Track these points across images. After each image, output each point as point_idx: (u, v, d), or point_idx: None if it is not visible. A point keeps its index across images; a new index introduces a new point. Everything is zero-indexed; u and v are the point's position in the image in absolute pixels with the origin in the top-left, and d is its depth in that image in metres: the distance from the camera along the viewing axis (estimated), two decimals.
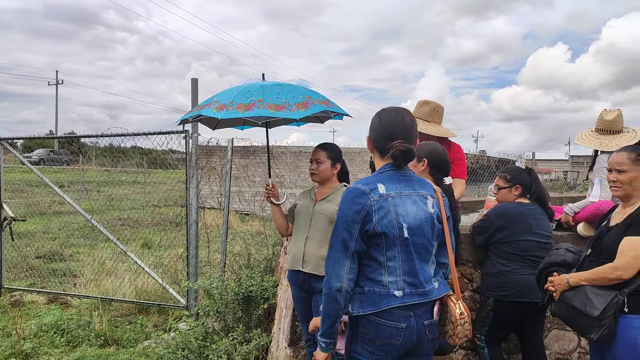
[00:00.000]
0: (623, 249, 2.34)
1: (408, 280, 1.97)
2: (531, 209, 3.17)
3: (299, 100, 2.86)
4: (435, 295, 2.05)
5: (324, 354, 2.02)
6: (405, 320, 1.95)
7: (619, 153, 2.54)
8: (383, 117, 2.11)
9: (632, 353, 2.32)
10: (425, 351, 2.06)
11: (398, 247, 1.97)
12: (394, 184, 2.02)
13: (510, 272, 3.06)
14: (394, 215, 1.96)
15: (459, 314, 2.05)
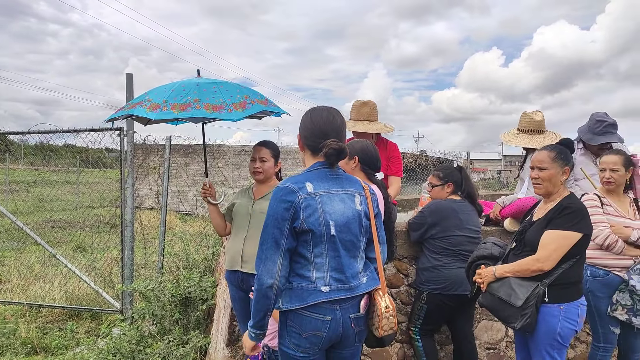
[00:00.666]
0: (544, 242, 2.50)
1: (335, 276, 2.03)
2: (462, 205, 3.30)
3: (236, 100, 2.81)
4: (363, 290, 2.10)
5: (252, 342, 2.07)
6: (330, 313, 2.01)
7: (540, 152, 2.70)
8: (315, 116, 2.15)
9: (551, 339, 2.48)
10: (352, 343, 2.12)
11: (325, 244, 2.02)
12: (322, 182, 2.07)
13: (442, 267, 3.18)
14: (321, 213, 2.00)
15: (384, 308, 2.11)
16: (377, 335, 2.15)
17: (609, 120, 3.68)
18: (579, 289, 2.54)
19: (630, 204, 3.21)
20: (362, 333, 2.15)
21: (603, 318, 3.10)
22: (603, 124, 3.68)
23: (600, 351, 3.17)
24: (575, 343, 3.62)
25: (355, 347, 2.18)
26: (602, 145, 3.71)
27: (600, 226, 3.04)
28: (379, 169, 2.87)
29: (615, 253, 3.03)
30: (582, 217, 2.48)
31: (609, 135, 3.65)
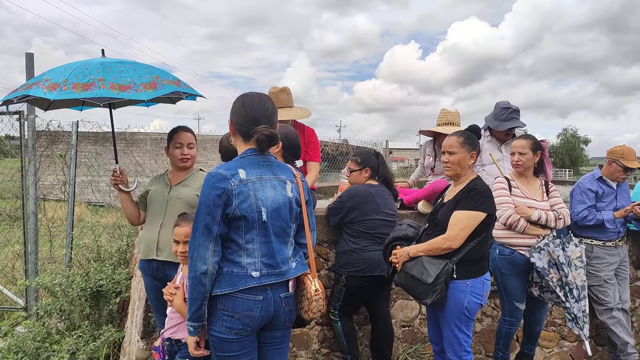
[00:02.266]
0: (452, 222, 2.64)
1: (265, 261, 2.05)
2: (379, 190, 3.40)
3: (146, 80, 2.65)
4: (292, 274, 2.14)
5: (193, 338, 2.02)
6: (262, 293, 2.03)
7: (450, 137, 2.84)
8: (246, 102, 2.14)
9: (459, 313, 2.63)
10: (283, 323, 2.15)
11: (256, 230, 2.03)
12: (255, 169, 2.07)
13: (360, 250, 3.27)
14: (254, 199, 2.02)
15: (314, 291, 2.16)
16: (306, 317, 2.20)
17: (512, 107, 3.97)
18: (484, 265, 2.71)
19: (540, 186, 3.43)
20: (292, 313, 2.18)
21: (509, 294, 3.34)
22: (508, 110, 3.96)
23: (506, 324, 3.42)
24: (482, 317, 3.87)
25: (286, 329, 2.20)
26: (507, 131, 3.98)
27: (504, 206, 3.27)
28: (299, 156, 2.88)
29: (518, 232, 3.25)
30: (487, 198, 2.65)
31: (513, 120, 3.93)
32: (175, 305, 2.25)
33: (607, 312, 3.78)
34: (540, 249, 3.19)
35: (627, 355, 3.71)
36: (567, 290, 3.19)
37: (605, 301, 3.78)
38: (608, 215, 3.77)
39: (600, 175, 3.95)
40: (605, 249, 3.81)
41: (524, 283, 3.34)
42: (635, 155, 3.91)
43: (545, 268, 3.17)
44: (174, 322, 2.29)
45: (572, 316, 3.21)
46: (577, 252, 3.22)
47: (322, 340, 3.55)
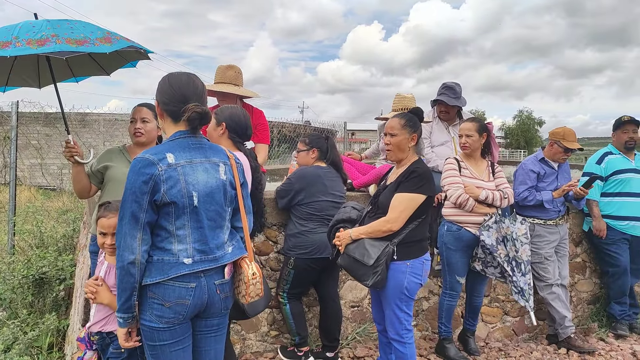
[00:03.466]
0: (393, 204, 2.67)
1: (198, 247, 1.99)
2: (327, 172, 3.41)
3: (99, 35, 2.53)
4: (228, 259, 2.08)
5: (124, 330, 1.95)
6: (195, 281, 1.97)
7: (391, 119, 2.86)
8: (173, 81, 2.05)
9: (400, 293, 2.69)
10: (219, 310, 2.09)
11: (188, 216, 1.96)
12: (184, 152, 2.00)
13: (308, 232, 3.28)
14: (184, 184, 1.94)
15: (251, 275, 2.11)
16: (243, 302, 2.15)
17: (447, 84, 4.12)
18: (424, 246, 2.77)
19: (487, 167, 3.57)
20: (228, 300, 2.13)
21: (451, 268, 3.47)
22: (442, 86, 4.14)
23: (447, 297, 3.55)
24: (429, 295, 3.98)
25: (222, 317, 2.15)
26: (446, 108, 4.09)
27: (454, 186, 3.38)
28: (248, 137, 2.81)
29: (467, 211, 3.38)
30: (427, 180, 2.69)
31: (443, 95, 4.08)
32: (102, 300, 2.17)
33: (547, 288, 3.95)
34: (489, 226, 3.33)
35: (565, 328, 3.89)
36: (514, 264, 3.35)
37: (546, 277, 3.95)
38: (547, 195, 3.91)
39: (543, 157, 4.08)
40: (546, 227, 3.96)
41: (468, 258, 3.49)
42: (576, 136, 4.06)
43: (493, 245, 3.31)
44: (103, 314, 2.20)
45: (519, 289, 3.36)
46: (522, 229, 3.39)
47: (272, 323, 3.57)
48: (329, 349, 3.42)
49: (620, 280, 4.24)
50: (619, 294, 4.26)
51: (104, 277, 2.23)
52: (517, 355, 3.73)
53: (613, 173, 4.27)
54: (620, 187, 4.24)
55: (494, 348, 3.88)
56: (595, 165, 4.36)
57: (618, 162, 4.31)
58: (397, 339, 2.72)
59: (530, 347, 3.94)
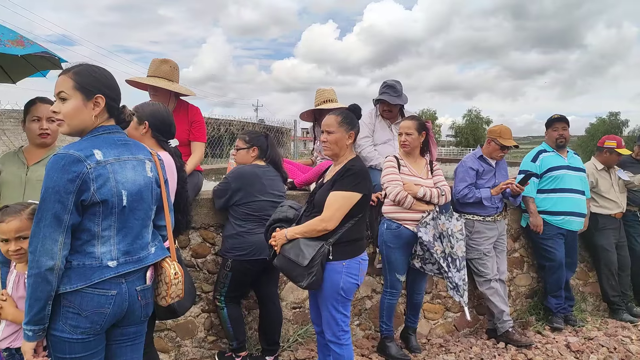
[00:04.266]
0: (328, 203, 2.61)
1: (123, 248, 1.87)
2: (266, 170, 3.31)
3: (10, 37, 2.39)
4: (151, 260, 1.98)
5: (31, 344, 1.76)
6: (116, 287, 1.84)
7: (328, 116, 2.80)
8: (113, 77, 1.97)
9: (336, 294, 2.63)
10: (138, 318, 1.98)
11: (116, 216, 1.85)
12: (112, 149, 1.88)
13: (246, 233, 3.17)
14: (114, 182, 1.83)
15: (173, 274, 2.02)
16: (162, 304, 2.05)
17: (388, 82, 4.10)
18: (361, 245, 2.73)
19: (425, 165, 3.58)
20: (148, 306, 2.02)
21: (392, 266, 3.47)
22: (383, 85, 4.12)
23: (387, 295, 3.55)
24: (372, 294, 3.96)
25: (141, 325, 2.03)
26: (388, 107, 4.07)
27: (393, 184, 3.37)
28: (172, 135, 2.67)
29: (406, 208, 3.37)
30: (363, 178, 2.64)
31: (384, 94, 4.04)
32: (5, 316, 1.98)
33: (486, 283, 4.02)
34: (426, 223, 3.35)
35: (503, 322, 3.97)
36: (449, 261, 3.37)
37: (485, 273, 4.01)
38: (486, 193, 3.97)
39: (481, 154, 4.15)
40: (484, 223, 4.02)
41: (407, 256, 3.49)
42: (511, 134, 4.14)
43: (430, 241, 3.32)
44: (12, 329, 2.01)
45: (454, 285, 3.39)
46: (458, 225, 3.43)
47: (209, 328, 3.44)
48: (269, 353, 3.33)
49: (556, 274, 4.37)
50: (555, 287, 4.39)
51: (14, 287, 2.05)
52: (457, 351, 3.76)
53: (547, 170, 4.40)
54: (555, 184, 4.37)
55: (435, 344, 3.90)
56: (530, 163, 4.48)
57: (552, 159, 4.44)
58: (334, 341, 2.66)
59: (470, 342, 3.99)
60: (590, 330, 4.24)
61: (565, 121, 4.49)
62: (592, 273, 5.00)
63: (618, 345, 3.86)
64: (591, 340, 3.98)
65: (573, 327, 4.35)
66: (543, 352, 3.77)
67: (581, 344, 3.89)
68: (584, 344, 3.91)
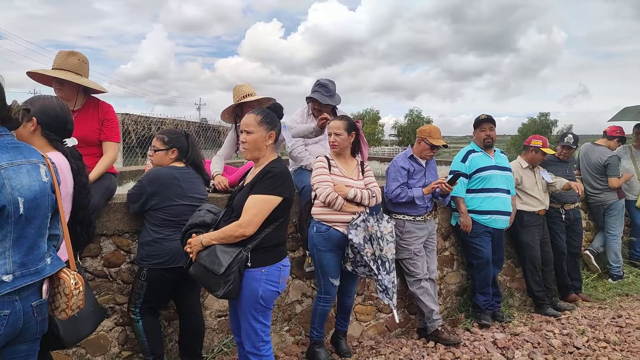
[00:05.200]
0: (247, 207, 2.47)
1: (19, 260, 1.70)
2: (185, 172, 3.12)
3: None
4: (49, 272, 1.81)
5: None
6: (9, 306, 1.66)
7: (248, 115, 2.65)
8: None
9: (255, 303, 2.49)
10: (33, 335, 1.80)
11: (11, 226, 1.67)
12: (3, 152, 1.70)
13: (163, 239, 2.97)
14: (9, 189, 1.65)
15: (73, 285, 1.86)
16: (63, 317, 1.88)
17: (321, 82, 4.00)
18: (281, 251, 2.60)
19: (356, 166, 3.51)
20: (44, 322, 1.85)
21: (324, 270, 3.36)
22: (316, 84, 4.01)
23: (321, 302, 3.44)
24: (302, 298, 3.85)
25: (34, 342, 1.84)
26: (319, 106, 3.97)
27: (324, 185, 3.26)
28: (68, 134, 2.42)
29: (336, 209, 3.28)
30: (283, 181, 2.52)
31: (316, 93, 3.94)
32: None
33: (417, 283, 4.01)
34: (357, 225, 3.27)
35: (433, 321, 3.98)
36: (379, 263, 3.30)
37: (415, 273, 4.00)
38: (418, 192, 3.97)
39: (412, 154, 4.15)
40: (415, 223, 4.02)
41: (339, 259, 3.39)
42: (441, 134, 4.17)
43: (361, 244, 3.24)
44: None
45: (383, 287, 3.33)
46: (389, 228, 3.37)
47: (124, 342, 3.20)
48: None
49: (484, 272, 4.44)
50: (483, 284, 4.47)
51: None
52: (387, 353, 3.73)
53: (476, 170, 4.47)
54: (483, 184, 4.45)
55: (366, 347, 3.85)
56: (460, 163, 4.54)
57: (480, 159, 4.51)
58: (253, 352, 2.52)
59: (401, 342, 3.97)
60: (516, 326, 4.34)
61: (491, 122, 4.57)
62: (518, 269, 5.15)
63: (542, 340, 3.97)
64: (517, 336, 4.06)
65: (500, 323, 4.44)
66: (470, 349, 3.81)
67: (507, 339, 3.97)
68: (510, 339, 3.99)
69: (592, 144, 5.93)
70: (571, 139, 5.35)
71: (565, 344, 3.90)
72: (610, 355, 3.66)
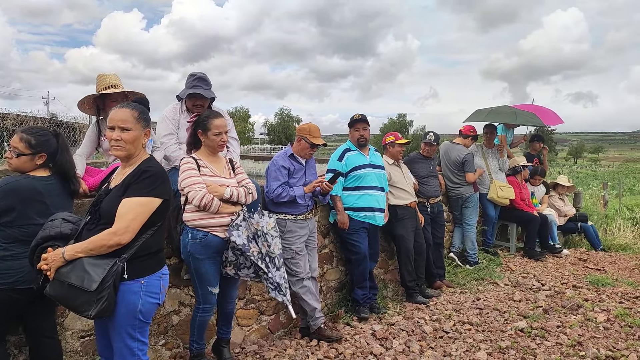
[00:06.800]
0: (121, 212, 2.19)
1: None
2: (50, 184, 2.66)
3: None
4: None
5: None
6: None
7: (120, 110, 2.36)
8: None
9: (132, 319, 2.23)
10: None
11: None
12: None
13: (12, 257, 2.53)
14: None
15: None
16: None
17: (199, 75, 3.77)
18: (161, 258, 2.37)
19: (226, 163, 3.31)
20: None
21: (202, 279, 3.13)
22: (193, 77, 3.77)
23: (200, 312, 3.21)
24: (180, 308, 3.58)
25: None
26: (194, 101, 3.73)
27: (196, 187, 3.01)
28: None
29: (213, 212, 3.05)
30: (162, 181, 2.29)
31: (197, 88, 3.71)
32: None
33: (299, 282, 3.98)
34: (238, 225, 3.08)
35: (315, 320, 3.99)
36: (267, 260, 3.18)
37: (297, 272, 3.97)
38: (299, 191, 3.95)
39: (292, 152, 4.11)
40: (296, 222, 3.99)
41: (219, 265, 3.18)
42: (320, 132, 4.19)
43: (245, 244, 3.06)
44: None
45: (275, 285, 3.21)
46: (271, 222, 3.27)
47: None
48: None
49: (361, 266, 4.58)
50: (361, 279, 4.61)
51: None
52: (272, 356, 3.64)
53: (352, 169, 4.59)
54: (359, 182, 4.59)
55: (249, 352, 3.72)
56: (337, 162, 4.62)
57: (356, 158, 4.65)
58: None
59: (285, 344, 3.92)
60: (392, 316, 4.55)
61: (365, 121, 4.73)
62: (391, 261, 5.42)
63: (415, 327, 4.20)
64: (393, 326, 4.25)
65: (377, 314, 4.62)
66: (352, 343, 3.89)
67: (385, 330, 4.13)
68: (387, 330, 4.16)
69: (450, 142, 6.49)
70: (432, 137, 5.78)
71: (436, 329, 4.18)
72: (475, 337, 4.01)
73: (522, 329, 4.14)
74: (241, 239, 3.07)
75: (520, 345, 3.84)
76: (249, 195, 3.21)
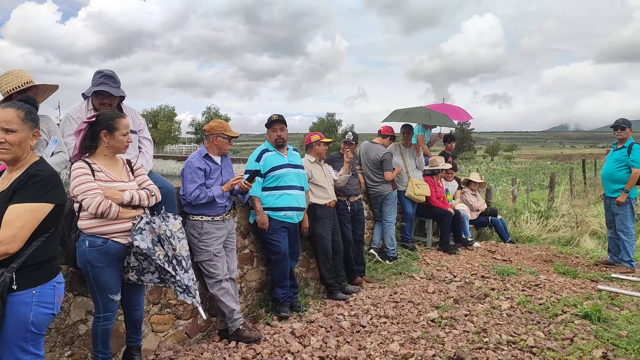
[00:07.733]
0: (8, 219, 2.06)
1: None
2: None
3: None
4: None
5: None
6: None
7: (5, 109, 2.21)
8: None
9: (24, 331, 2.11)
10: None
11: None
12: None
13: None
14: None
15: None
16: None
17: (106, 72, 3.63)
18: (54, 266, 2.25)
19: (123, 166, 3.13)
20: None
21: (101, 288, 2.96)
22: (99, 74, 3.61)
23: (101, 321, 3.04)
24: (87, 317, 3.37)
25: None
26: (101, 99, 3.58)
27: (91, 194, 2.82)
28: None
29: (112, 218, 2.89)
30: (54, 185, 2.18)
31: (104, 85, 3.56)
32: None
33: (217, 284, 3.94)
34: (141, 229, 2.94)
35: (234, 321, 3.96)
36: (175, 263, 3.07)
37: (215, 274, 3.92)
38: (217, 191, 3.91)
39: (207, 152, 4.05)
40: (213, 223, 3.93)
41: (120, 272, 3.03)
42: None
43: (150, 248, 2.94)
44: None
45: (184, 287, 3.11)
46: (177, 224, 3.14)
47: None
48: None
49: (281, 266, 4.61)
50: (281, 278, 4.63)
51: None
52: None
53: (271, 169, 4.61)
54: (277, 182, 4.61)
55: (164, 359, 3.62)
56: (255, 162, 4.62)
57: (274, 158, 4.67)
58: None
59: (202, 347, 3.85)
60: (312, 314, 4.61)
61: (282, 122, 4.75)
62: (313, 260, 5.48)
63: (334, 323, 4.29)
64: (312, 323, 4.31)
65: (298, 312, 4.66)
66: (271, 343, 3.90)
67: (304, 328, 4.18)
68: (307, 327, 4.21)
69: (370, 142, 6.68)
70: (351, 136, 5.96)
71: (354, 324, 4.29)
72: (389, 329, 4.16)
73: (434, 319, 4.36)
74: (145, 242, 2.94)
75: (431, 334, 4.04)
76: (151, 198, 3.08)
